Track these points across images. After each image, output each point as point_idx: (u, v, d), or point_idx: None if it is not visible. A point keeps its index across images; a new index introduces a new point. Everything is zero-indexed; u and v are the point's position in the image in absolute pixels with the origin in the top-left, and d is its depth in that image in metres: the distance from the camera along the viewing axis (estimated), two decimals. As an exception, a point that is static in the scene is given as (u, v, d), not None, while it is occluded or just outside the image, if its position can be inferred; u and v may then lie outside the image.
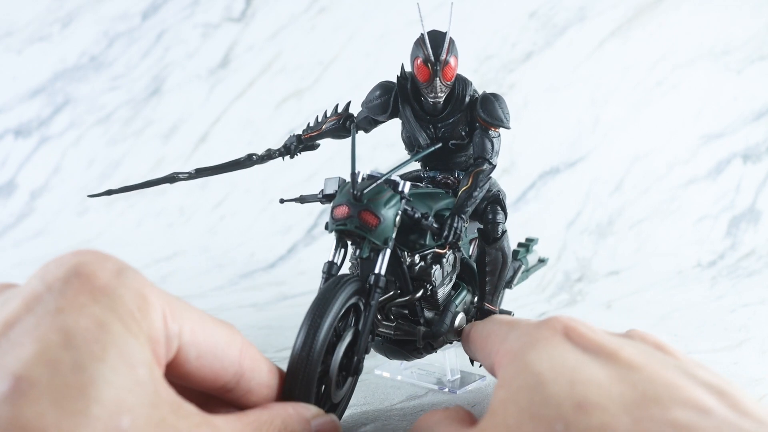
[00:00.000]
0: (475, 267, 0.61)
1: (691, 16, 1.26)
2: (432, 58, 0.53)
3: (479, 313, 0.61)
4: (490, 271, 0.60)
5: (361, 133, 0.62)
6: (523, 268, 0.70)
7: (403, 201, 0.50)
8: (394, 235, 0.50)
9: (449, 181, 0.61)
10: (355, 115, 0.61)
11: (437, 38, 0.54)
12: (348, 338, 0.47)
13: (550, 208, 1.20)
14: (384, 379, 0.62)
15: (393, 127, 0.64)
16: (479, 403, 0.56)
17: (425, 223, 0.52)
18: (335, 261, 0.51)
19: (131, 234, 1.27)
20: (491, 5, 1.30)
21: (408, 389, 0.59)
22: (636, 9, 1.28)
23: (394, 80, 0.59)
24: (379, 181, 0.49)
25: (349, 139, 0.63)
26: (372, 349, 0.53)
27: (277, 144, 1.39)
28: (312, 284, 1.02)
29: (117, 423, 0.27)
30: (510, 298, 0.64)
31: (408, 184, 0.51)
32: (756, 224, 1.16)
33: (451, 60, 0.54)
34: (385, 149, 1.22)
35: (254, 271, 1.10)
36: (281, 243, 1.19)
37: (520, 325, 0.40)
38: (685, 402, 0.30)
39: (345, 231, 0.49)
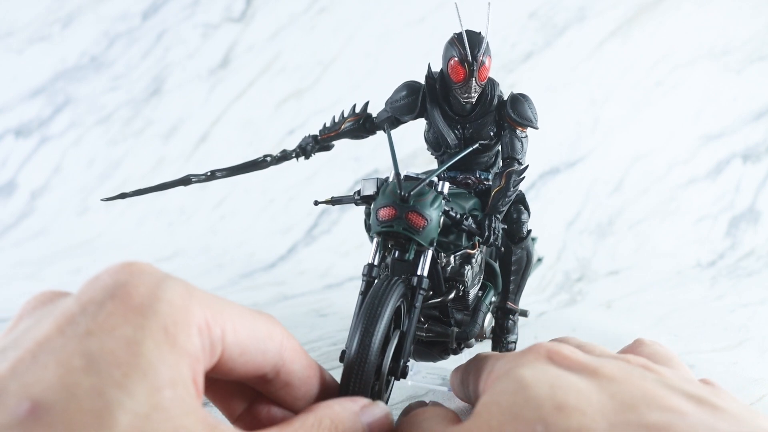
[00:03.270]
0: (497, 267, 0.60)
1: (691, 16, 1.26)
2: (469, 58, 0.53)
3: (501, 312, 0.60)
4: (515, 270, 0.60)
5: (365, 134, 0.61)
6: None
7: (444, 201, 0.50)
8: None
9: (469, 181, 0.60)
10: (374, 115, 0.60)
11: (473, 38, 0.54)
12: (395, 341, 0.46)
13: (549, 208, 1.20)
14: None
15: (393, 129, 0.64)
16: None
17: (467, 223, 0.51)
18: (375, 263, 0.49)
19: (131, 234, 1.27)
20: (491, 5, 1.30)
21: (408, 389, 0.59)
22: (636, 9, 1.28)
23: (408, 79, 0.58)
24: (424, 183, 0.48)
25: (351, 140, 0.63)
26: None
27: (277, 144, 1.39)
28: (312, 284, 1.02)
29: None
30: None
31: (447, 184, 0.50)
32: (756, 224, 1.16)
33: (486, 60, 0.54)
34: (385, 149, 1.22)
35: (254, 271, 1.10)
36: (281, 243, 1.19)
37: (506, 355, 0.41)
38: (662, 408, 0.31)
39: (390, 233, 0.48)
